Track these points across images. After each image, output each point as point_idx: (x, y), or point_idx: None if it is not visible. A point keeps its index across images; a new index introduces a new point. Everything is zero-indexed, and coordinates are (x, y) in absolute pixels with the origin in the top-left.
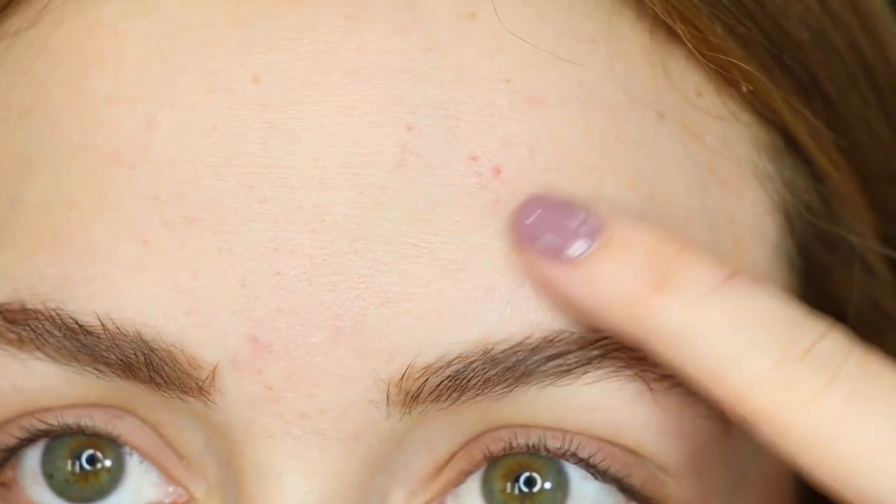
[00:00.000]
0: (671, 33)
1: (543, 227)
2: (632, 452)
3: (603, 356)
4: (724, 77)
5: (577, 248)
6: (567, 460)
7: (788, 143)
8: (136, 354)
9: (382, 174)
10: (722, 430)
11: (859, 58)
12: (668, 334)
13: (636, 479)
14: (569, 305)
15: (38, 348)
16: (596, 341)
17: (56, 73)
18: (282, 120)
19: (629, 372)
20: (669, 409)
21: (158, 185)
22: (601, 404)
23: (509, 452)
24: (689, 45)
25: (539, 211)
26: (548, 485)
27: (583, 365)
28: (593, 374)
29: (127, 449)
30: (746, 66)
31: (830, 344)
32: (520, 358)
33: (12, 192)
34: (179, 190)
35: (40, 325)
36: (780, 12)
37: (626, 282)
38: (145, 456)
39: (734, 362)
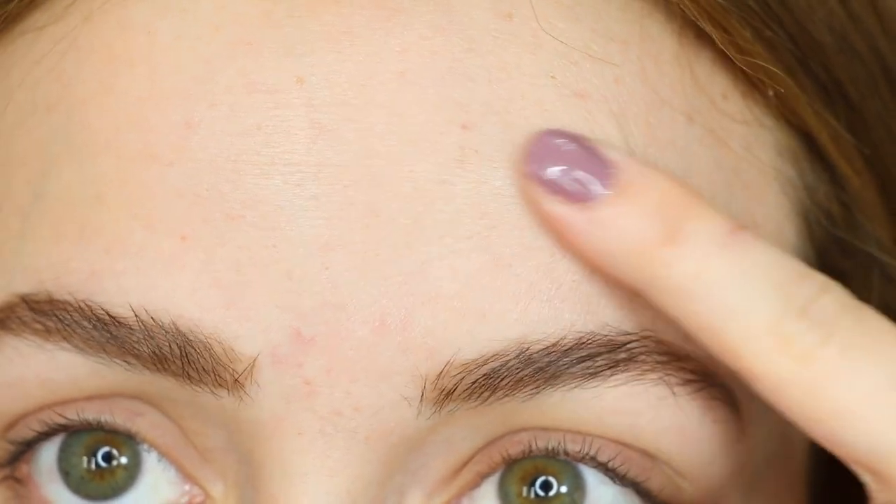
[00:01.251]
0: (699, 36)
1: (556, 159)
2: (650, 457)
3: (629, 359)
4: (750, 81)
5: (591, 189)
6: (586, 464)
7: (810, 148)
8: (170, 346)
9: (441, 170)
10: (738, 434)
11: (880, 61)
12: (674, 286)
13: (654, 483)
14: (575, 247)
15: (66, 339)
16: (624, 344)
17: (84, 71)
18: (330, 120)
19: (654, 376)
20: (691, 413)
21: (197, 182)
22: (624, 408)
23: (528, 456)
24: (720, 45)
25: (554, 143)
26: (564, 489)
27: (610, 367)
28: (619, 377)
29: (144, 446)
30: (774, 69)
31: (829, 299)
32: (553, 359)
33: (36, 185)
34: (220, 188)
35: (68, 316)
36: (805, 16)
37: (636, 231)
38: (163, 453)
39: (735, 316)
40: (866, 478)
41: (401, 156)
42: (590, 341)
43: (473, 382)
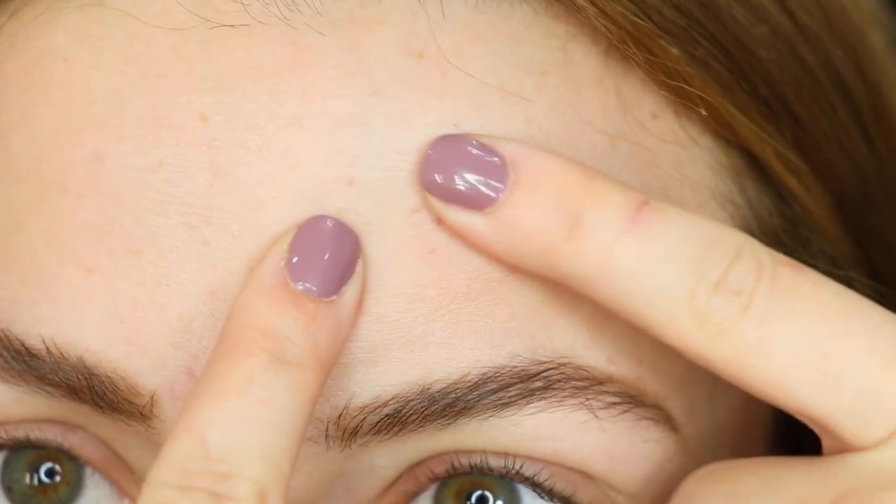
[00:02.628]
0: (627, 57)
1: (452, 166)
2: (579, 472)
3: (545, 387)
4: (682, 101)
5: (488, 191)
6: (513, 479)
7: (752, 165)
8: (78, 379)
9: None
10: (676, 450)
11: (832, 73)
12: (585, 278)
13: (584, 496)
14: (487, 254)
15: None
16: (538, 373)
17: (7, 98)
18: (227, 163)
19: (574, 401)
20: (617, 435)
21: (104, 215)
22: (545, 433)
23: (453, 474)
24: (643, 70)
25: (446, 148)
26: (500, 503)
27: (525, 397)
28: (536, 405)
29: (83, 463)
30: (701, 92)
31: (744, 266)
32: (458, 395)
33: None
34: (124, 222)
35: None
36: (743, 31)
37: (539, 229)
38: (98, 469)
39: (648, 300)
40: (814, 427)
41: (286, 212)
42: (498, 374)
43: (378, 422)
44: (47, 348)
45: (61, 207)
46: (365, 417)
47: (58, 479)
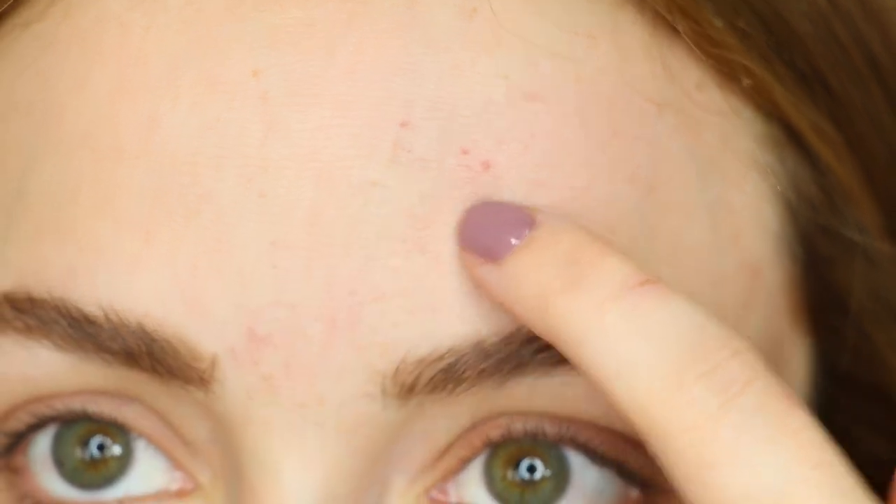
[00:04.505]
0: (673, 27)
1: (478, 228)
2: (626, 438)
3: None
4: (725, 71)
5: (504, 247)
6: (566, 445)
7: (790, 136)
8: (137, 345)
9: (375, 170)
10: None
11: (864, 50)
12: (571, 335)
13: (634, 462)
14: (498, 304)
15: (45, 336)
16: None
17: (61, 66)
18: (281, 115)
19: None
20: None
21: (160, 179)
22: (594, 397)
23: (509, 438)
24: (689, 40)
25: (477, 212)
26: (549, 472)
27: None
28: None
29: (135, 435)
30: (746, 62)
31: (733, 368)
32: (512, 350)
33: (18, 183)
34: (180, 184)
35: (46, 314)
36: (782, 5)
37: (539, 281)
38: (152, 442)
39: (623, 372)
40: None
41: (341, 155)
42: None
43: (433, 377)
44: (106, 315)
45: (116, 173)
46: (422, 372)
47: (108, 453)
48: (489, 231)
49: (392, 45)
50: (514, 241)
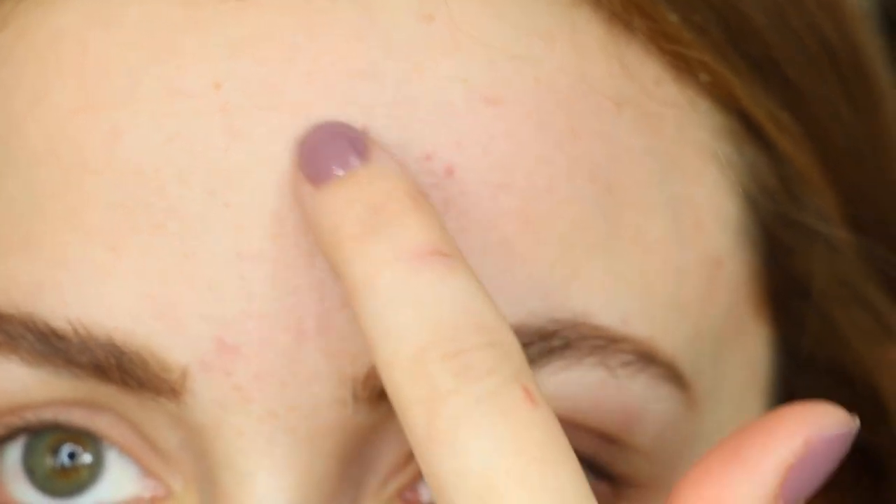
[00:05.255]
0: (629, 24)
1: (312, 149)
2: (597, 434)
3: (564, 346)
4: (682, 66)
5: (326, 174)
6: None
7: (748, 128)
8: (107, 358)
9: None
10: (687, 407)
11: (819, 38)
12: (350, 283)
13: (604, 457)
14: (306, 223)
15: (13, 352)
16: (556, 332)
17: (20, 83)
18: (242, 124)
19: (592, 360)
20: (633, 392)
21: (125, 192)
22: (565, 394)
23: None
24: (645, 37)
25: (316, 133)
26: None
27: (545, 356)
28: (556, 364)
29: (106, 444)
30: (703, 57)
31: (488, 358)
32: None
33: None
34: (146, 197)
35: (14, 329)
36: None
37: (341, 218)
38: (124, 450)
39: (386, 333)
40: None
41: None
42: (519, 332)
43: None
44: (74, 329)
45: (81, 187)
46: None
47: (79, 461)
48: (319, 154)
49: (351, 51)
50: (338, 171)
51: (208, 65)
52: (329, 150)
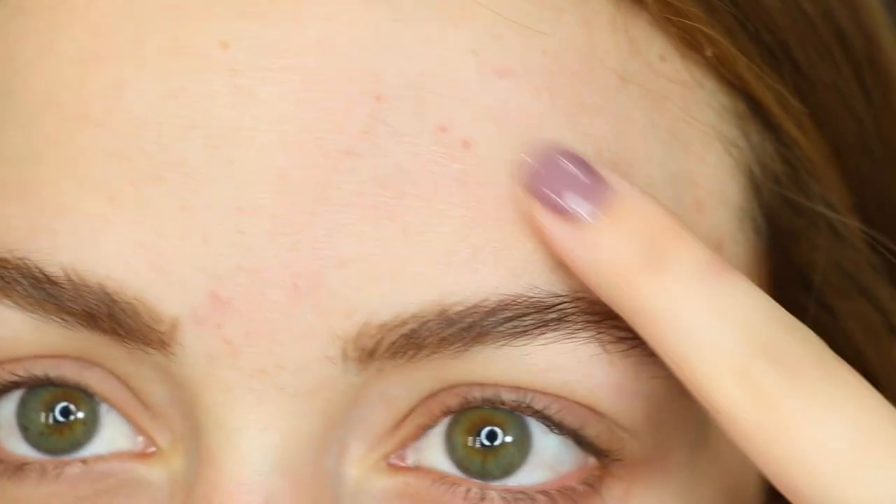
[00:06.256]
0: None
1: (554, 177)
2: (587, 408)
3: (560, 319)
4: (689, 42)
5: (583, 209)
6: (523, 413)
7: (755, 110)
8: (98, 306)
9: (348, 140)
10: (681, 390)
11: (833, 26)
12: (649, 314)
13: (591, 430)
14: (562, 262)
15: (7, 296)
16: (553, 305)
17: (28, 34)
18: (250, 84)
19: (585, 334)
20: (625, 370)
21: (125, 143)
22: (556, 365)
23: (467, 406)
24: (652, 10)
25: (555, 161)
26: (509, 438)
27: (539, 327)
28: (548, 336)
29: (98, 400)
30: (710, 31)
31: (806, 348)
32: (475, 319)
33: None
34: (146, 149)
35: (8, 274)
36: None
37: (621, 254)
38: (114, 406)
39: (702, 351)
40: None
41: (312, 123)
42: (514, 303)
43: (394, 342)
44: (67, 275)
45: (81, 137)
46: (383, 337)
47: (73, 417)
48: (562, 186)
49: (361, 17)
50: (589, 206)
51: (215, 24)
52: (573, 183)
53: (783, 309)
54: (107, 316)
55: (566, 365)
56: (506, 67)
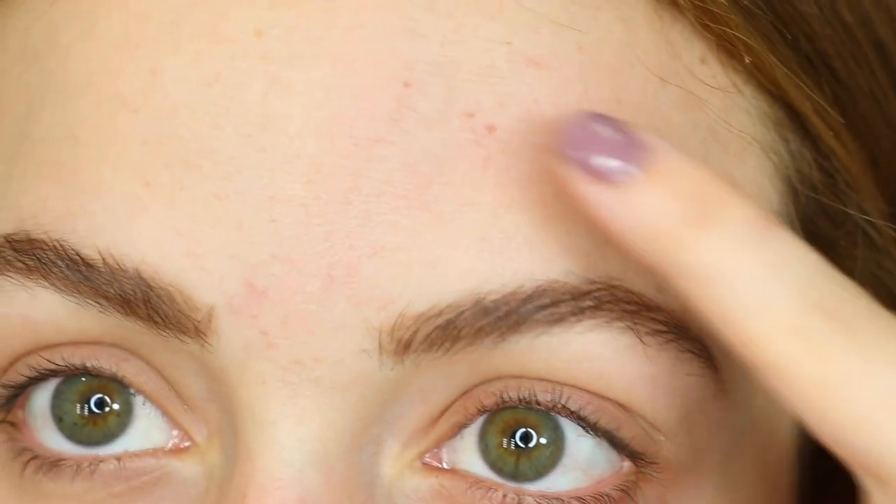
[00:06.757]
0: (676, 2)
1: (590, 140)
2: (622, 408)
3: (596, 307)
4: (728, 49)
5: (623, 170)
6: (558, 413)
7: (793, 118)
8: (134, 291)
9: (378, 127)
10: (716, 391)
11: (871, 35)
12: (697, 272)
13: (627, 432)
14: (601, 226)
15: (44, 277)
16: (589, 292)
17: (68, 19)
18: (282, 73)
19: (621, 324)
20: (661, 364)
21: (160, 128)
22: (593, 355)
23: (502, 406)
24: (691, 15)
25: (589, 124)
26: (543, 440)
27: (575, 314)
28: (586, 324)
29: (133, 392)
30: (747, 39)
31: (860, 304)
32: (511, 307)
33: (22, 127)
34: (180, 135)
35: (45, 255)
36: None
37: (666, 213)
38: (150, 398)
39: (756, 309)
40: (869, 483)
41: (343, 110)
42: (551, 289)
43: (430, 333)
44: (103, 258)
45: (118, 121)
46: (419, 328)
47: (107, 409)
48: (601, 149)
49: (394, 7)
50: (631, 167)
51: (250, 12)
52: (612, 145)
53: (833, 266)
54: (143, 302)
55: (602, 355)
56: (538, 58)
